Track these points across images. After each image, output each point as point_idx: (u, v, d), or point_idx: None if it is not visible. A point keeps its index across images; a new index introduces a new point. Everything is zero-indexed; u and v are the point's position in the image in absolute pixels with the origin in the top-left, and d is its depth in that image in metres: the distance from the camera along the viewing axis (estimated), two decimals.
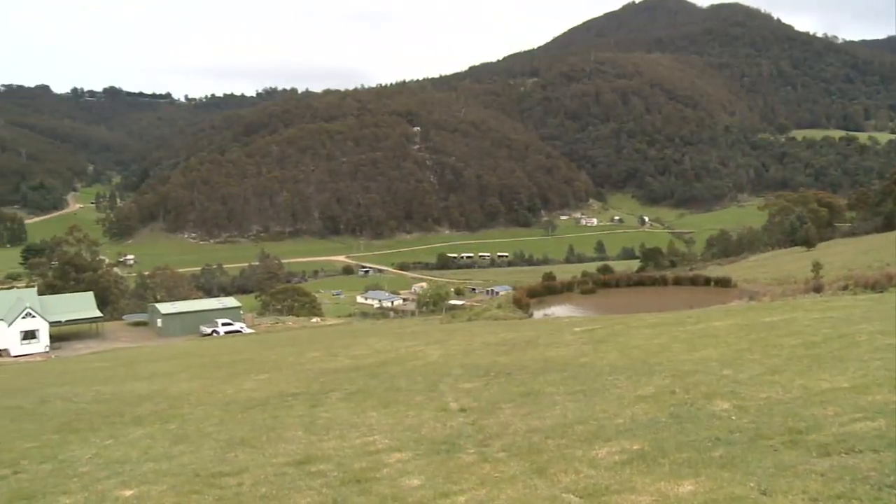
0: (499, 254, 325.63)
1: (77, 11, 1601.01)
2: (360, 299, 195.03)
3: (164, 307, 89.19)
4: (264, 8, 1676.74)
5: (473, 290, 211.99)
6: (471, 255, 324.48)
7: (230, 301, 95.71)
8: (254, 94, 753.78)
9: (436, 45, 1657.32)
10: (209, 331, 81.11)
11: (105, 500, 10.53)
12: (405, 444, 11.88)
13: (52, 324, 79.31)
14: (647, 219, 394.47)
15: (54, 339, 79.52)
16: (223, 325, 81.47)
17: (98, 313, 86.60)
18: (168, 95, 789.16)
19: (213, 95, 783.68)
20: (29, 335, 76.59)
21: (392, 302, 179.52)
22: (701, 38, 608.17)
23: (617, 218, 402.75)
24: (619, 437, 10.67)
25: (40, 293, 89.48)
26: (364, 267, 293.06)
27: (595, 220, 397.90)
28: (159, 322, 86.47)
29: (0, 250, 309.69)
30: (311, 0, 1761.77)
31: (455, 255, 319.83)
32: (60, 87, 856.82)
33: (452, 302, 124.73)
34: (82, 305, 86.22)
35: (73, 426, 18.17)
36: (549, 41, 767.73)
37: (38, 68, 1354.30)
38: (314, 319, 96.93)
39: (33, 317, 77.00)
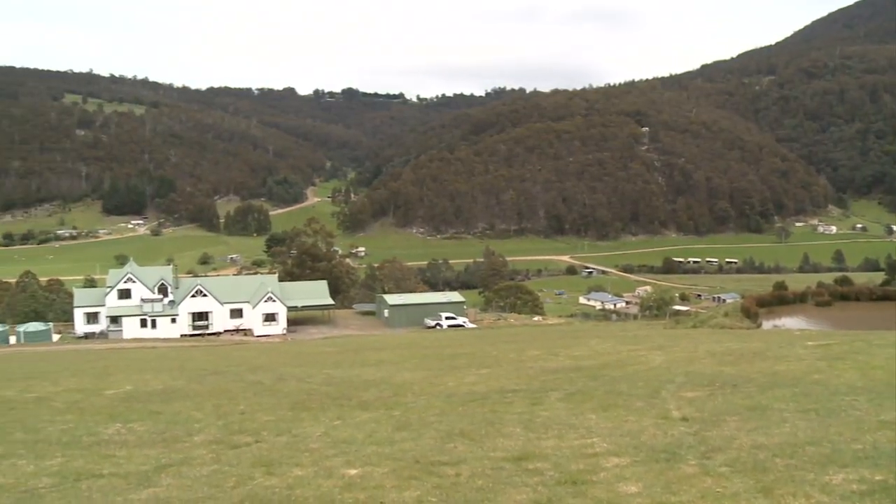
0: (727, 260, 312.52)
1: (319, 18, 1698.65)
2: (582, 300, 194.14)
3: (392, 298, 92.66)
4: (493, 9, 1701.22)
5: (699, 296, 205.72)
6: (697, 259, 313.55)
7: (454, 296, 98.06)
8: (482, 94, 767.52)
9: (667, 43, 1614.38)
10: (433, 323, 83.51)
11: (332, 476, 11.09)
12: (624, 449, 11.67)
13: (289, 308, 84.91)
14: (895, 227, 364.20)
15: (291, 322, 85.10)
16: (446, 318, 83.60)
17: (330, 301, 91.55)
18: (401, 95, 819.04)
19: (443, 95, 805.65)
20: (269, 318, 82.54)
21: (614, 304, 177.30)
22: None
23: (859, 226, 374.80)
24: (856, 463, 9.90)
25: (280, 280, 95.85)
26: (587, 268, 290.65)
27: (834, 228, 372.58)
28: (386, 312, 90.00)
29: (248, 239, 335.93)
30: (539, 1, 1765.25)
31: (681, 259, 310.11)
32: (304, 89, 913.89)
33: (676, 307, 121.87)
34: (317, 293, 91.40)
35: (306, 405, 19.30)
36: (788, 36, 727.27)
37: (286, 72, 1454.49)
38: (535, 318, 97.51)
39: (274, 301, 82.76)
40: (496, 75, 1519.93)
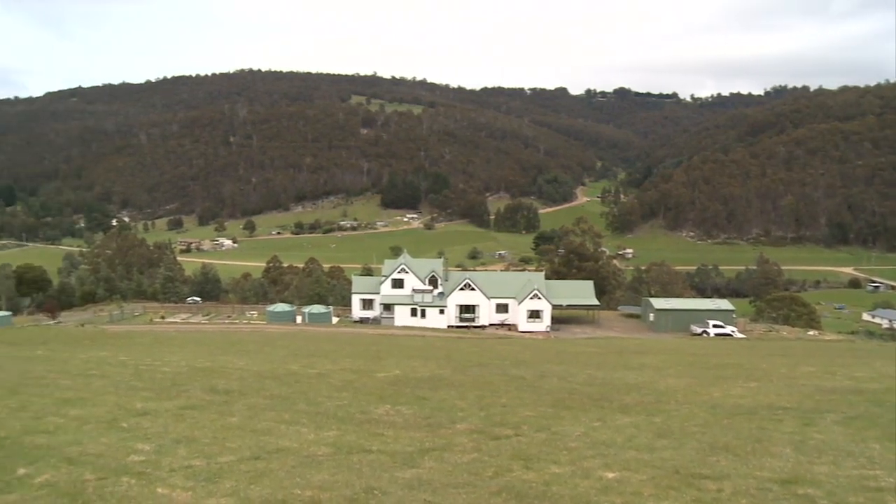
0: None
1: (591, 18, 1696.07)
2: (865, 317, 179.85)
3: (658, 302, 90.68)
4: (775, 3, 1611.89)
5: None
6: None
7: (723, 303, 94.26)
8: (761, 93, 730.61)
9: None
10: (699, 330, 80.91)
11: (589, 476, 11.09)
12: None
13: (554, 306, 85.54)
14: None
15: (555, 320, 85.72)
16: (714, 326, 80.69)
17: (595, 301, 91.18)
18: (674, 95, 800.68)
19: (718, 95, 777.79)
20: (534, 314, 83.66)
21: None
22: None
23: None
24: None
25: (546, 277, 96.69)
26: (874, 282, 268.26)
27: None
28: (652, 316, 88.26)
29: (517, 236, 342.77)
30: None
31: None
32: (576, 89, 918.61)
33: None
34: (582, 292, 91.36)
35: (566, 403, 19.40)
36: None
37: (558, 72, 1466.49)
38: (810, 332, 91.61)
39: (539, 298, 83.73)
40: (776, 73, 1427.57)
